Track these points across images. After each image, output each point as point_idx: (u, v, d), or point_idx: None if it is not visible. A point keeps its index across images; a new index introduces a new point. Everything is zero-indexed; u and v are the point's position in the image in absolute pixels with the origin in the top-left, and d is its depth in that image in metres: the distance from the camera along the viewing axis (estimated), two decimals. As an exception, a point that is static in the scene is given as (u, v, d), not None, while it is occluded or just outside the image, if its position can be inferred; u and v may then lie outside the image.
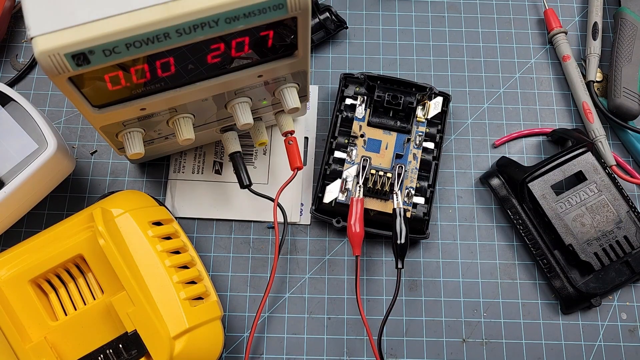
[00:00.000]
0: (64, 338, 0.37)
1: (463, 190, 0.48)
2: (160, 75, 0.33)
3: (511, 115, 0.50)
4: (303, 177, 0.48)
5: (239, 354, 0.44)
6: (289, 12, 0.31)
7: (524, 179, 0.44)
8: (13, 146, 0.40)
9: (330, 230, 0.47)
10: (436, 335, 0.44)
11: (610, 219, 0.44)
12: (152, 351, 0.36)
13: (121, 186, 0.48)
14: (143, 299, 0.36)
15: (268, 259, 0.46)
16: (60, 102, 0.50)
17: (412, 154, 0.46)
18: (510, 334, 0.44)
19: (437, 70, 0.52)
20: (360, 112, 0.47)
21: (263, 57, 0.35)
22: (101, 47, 0.29)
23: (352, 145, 0.46)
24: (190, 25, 0.30)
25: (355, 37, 0.52)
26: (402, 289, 0.46)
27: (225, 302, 0.45)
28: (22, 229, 0.46)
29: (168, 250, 0.39)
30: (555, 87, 0.51)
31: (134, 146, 0.38)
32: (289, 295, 0.45)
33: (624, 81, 0.48)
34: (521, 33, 0.53)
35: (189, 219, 0.47)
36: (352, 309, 0.45)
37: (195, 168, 0.48)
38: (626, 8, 0.50)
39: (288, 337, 0.44)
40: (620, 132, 0.49)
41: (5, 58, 0.51)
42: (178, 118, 0.38)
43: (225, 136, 0.43)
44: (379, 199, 0.45)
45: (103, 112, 0.35)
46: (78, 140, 0.49)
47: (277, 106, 0.42)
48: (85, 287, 0.39)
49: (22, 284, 0.37)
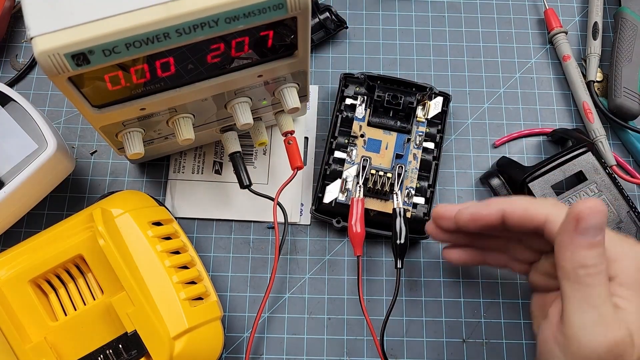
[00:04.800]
0: (63, 338, 0.37)
1: (463, 191, 0.48)
2: (160, 75, 0.33)
3: (511, 115, 0.50)
4: (303, 177, 0.48)
5: (239, 354, 0.44)
6: (289, 12, 0.31)
7: (524, 179, 0.44)
8: (13, 146, 0.40)
9: (330, 230, 0.47)
10: (436, 336, 0.44)
11: (610, 219, 0.44)
12: (152, 351, 0.36)
13: (121, 186, 0.48)
14: (143, 299, 0.36)
15: (268, 259, 0.46)
16: (60, 102, 0.50)
17: (412, 154, 0.46)
18: (510, 334, 0.44)
19: (437, 70, 0.51)
20: (360, 112, 0.47)
21: (263, 57, 0.35)
22: (101, 47, 0.29)
23: (352, 145, 0.46)
24: (190, 25, 0.30)
25: (355, 37, 0.52)
26: (402, 289, 0.46)
27: (225, 303, 0.45)
28: (22, 229, 0.46)
29: (168, 250, 0.39)
30: (556, 87, 0.51)
31: (134, 146, 0.38)
32: (289, 296, 0.45)
33: (624, 81, 0.48)
34: (521, 33, 0.53)
35: (189, 219, 0.47)
36: (352, 309, 0.45)
37: (195, 168, 0.48)
38: (626, 8, 0.50)
39: (288, 337, 0.44)
40: (621, 132, 0.49)
41: (5, 58, 0.51)
42: (178, 118, 0.38)
43: (225, 136, 0.43)
44: (379, 199, 0.45)
45: (103, 112, 0.35)
46: (78, 140, 0.49)
47: (277, 106, 0.42)
48: (85, 287, 0.39)
49: (22, 284, 0.37)
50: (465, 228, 0.37)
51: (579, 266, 0.30)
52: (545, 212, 0.34)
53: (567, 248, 0.31)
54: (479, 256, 0.41)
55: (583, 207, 0.30)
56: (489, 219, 0.36)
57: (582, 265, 0.30)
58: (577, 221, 0.30)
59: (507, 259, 0.40)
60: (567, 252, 0.31)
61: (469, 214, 0.36)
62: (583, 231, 0.30)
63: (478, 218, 0.36)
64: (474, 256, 0.41)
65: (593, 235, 0.30)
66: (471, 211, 0.36)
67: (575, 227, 0.30)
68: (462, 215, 0.37)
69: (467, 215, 0.36)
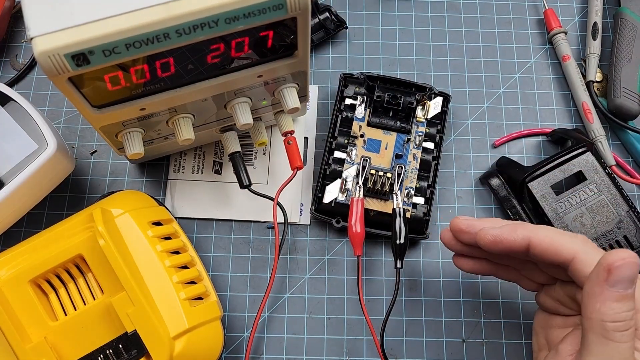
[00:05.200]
0: (64, 338, 0.37)
1: (463, 191, 0.48)
2: (160, 76, 0.33)
3: (511, 115, 0.50)
4: (303, 177, 0.48)
5: (239, 354, 0.44)
6: (289, 12, 0.31)
7: (523, 179, 0.44)
8: (13, 146, 0.40)
9: (330, 230, 0.47)
10: (436, 336, 0.44)
11: (610, 219, 0.44)
12: (152, 351, 0.36)
13: (121, 186, 0.48)
14: (143, 299, 0.36)
15: (268, 259, 0.46)
16: (60, 102, 0.50)
17: (411, 154, 0.46)
18: (510, 335, 0.44)
19: (436, 70, 0.52)
20: (360, 112, 0.47)
21: (263, 57, 0.35)
22: (101, 47, 0.29)
23: (351, 146, 0.46)
24: (190, 25, 0.30)
25: (355, 37, 0.52)
26: (402, 289, 0.46)
27: (225, 302, 0.45)
28: (22, 229, 0.46)
29: (168, 250, 0.39)
30: (555, 87, 0.51)
31: (134, 146, 0.38)
32: (288, 296, 0.45)
33: (624, 81, 0.48)
34: (521, 33, 0.53)
35: (189, 219, 0.47)
36: (352, 309, 0.45)
37: (195, 168, 0.48)
38: (626, 8, 0.50)
39: (288, 337, 0.44)
40: (620, 132, 0.49)
41: (5, 58, 0.51)
42: (178, 118, 0.38)
43: (225, 136, 0.43)
44: (379, 199, 0.45)
45: (103, 112, 0.35)
46: (78, 140, 0.49)
47: (276, 106, 0.42)
48: (85, 287, 0.39)
49: (22, 284, 0.37)
50: (485, 248, 0.36)
51: (609, 320, 0.29)
52: (574, 249, 0.33)
53: (596, 299, 0.30)
54: (491, 269, 0.40)
55: (616, 257, 0.29)
56: (513, 245, 0.34)
57: (613, 320, 0.29)
58: (609, 272, 0.29)
59: (518, 276, 0.39)
60: (597, 304, 0.30)
61: (492, 236, 0.35)
62: (614, 283, 0.29)
63: (501, 242, 0.35)
64: (486, 268, 0.40)
65: (624, 287, 0.29)
66: (495, 233, 0.35)
67: (606, 279, 0.29)
68: (485, 236, 0.35)
69: (491, 237, 0.35)
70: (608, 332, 0.29)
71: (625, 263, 0.29)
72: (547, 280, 0.37)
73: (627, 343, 0.29)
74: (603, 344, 0.29)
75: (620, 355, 0.29)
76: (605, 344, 0.29)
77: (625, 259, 0.29)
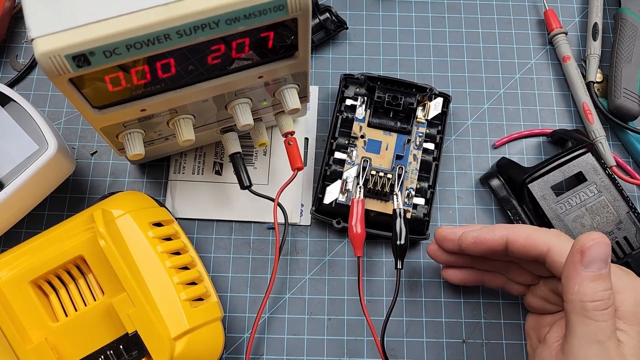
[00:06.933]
0: (64, 339, 0.37)
1: (463, 191, 0.48)
2: (160, 77, 0.33)
3: (511, 116, 0.50)
4: (303, 178, 0.48)
5: (240, 354, 0.44)
6: (290, 13, 0.31)
7: (524, 179, 0.44)
8: (13, 147, 0.40)
9: (331, 231, 0.47)
10: (436, 336, 0.44)
11: (610, 219, 0.44)
12: (152, 352, 0.36)
13: (121, 187, 0.48)
14: (143, 300, 0.36)
15: (268, 259, 0.46)
16: (61, 102, 0.50)
17: (412, 154, 0.46)
18: (510, 335, 0.44)
19: (437, 70, 0.52)
20: (361, 113, 0.47)
21: (263, 58, 0.35)
22: (102, 48, 0.29)
23: (352, 146, 0.46)
24: (190, 26, 0.30)
25: (355, 37, 0.52)
26: (403, 289, 0.46)
27: (226, 303, 0.45)
28: (23, 230, 0.46)
29: (168, 251, 0.39)
30: (556, 88, 0.51)
31: (134, 147, 0.38)
32: (289, 296, 0.45)
33: (624, 82, 0.48)
34: (521, 34, 0.53)
35: (189, 220, 0.47)
36: (353, 310, 0.45)
37: (196, 169, 0.48)
38: (626, 9, 0.50)
39: (288, 337, 0.44)
40: (621, 133, 0.49)
41: (5, 58, 0.51)
42: (178, 119, 0.38)
43: (225, 137, 0.43)
44: (379, 199, 0.45)
45: (103, 113, 0.35)
46: (78, 141, 0.49)
47: (277, 107, 0.42)
48: (86, 288, 0.39)
49: (22, 285, 0.37)
50: (468, 250, 0.38)
51: (588, 300, 0.31)
52: (548, 241, 0.35)
53: (574, 281, 0.31)
54: (477, 277, 0.42)
55: (587, 239, 0.31)
56: (492, 244, 0.37)
57: (591, 300, 0.30)
58: (582, 254, 0.31)
59: (505, 280, 0.41)
60: (575, 285, 0.31)
61: (472, 237, 0.37)
62: (588, 264, 0.31)
63: (481, 242, 0.37)
64: (472, 277, 0.42)
65: (598, 267, 0.31)
66: (475, 235, 0.37)
67: (580, 260, 0.31)
68: (466, 238, 0.38)
69: (471, 239, 0.37)
70: (588, 311, 0.31)
71: (596, 243, 0.31)
72: (532, 280, 0.39)
73: (608, 322, 0.31)
74: (585, 324, 0.31)
75: (602, 334, 0.30)
76: (587, 324, 0.31)
77: (596, 239, 0.31)
